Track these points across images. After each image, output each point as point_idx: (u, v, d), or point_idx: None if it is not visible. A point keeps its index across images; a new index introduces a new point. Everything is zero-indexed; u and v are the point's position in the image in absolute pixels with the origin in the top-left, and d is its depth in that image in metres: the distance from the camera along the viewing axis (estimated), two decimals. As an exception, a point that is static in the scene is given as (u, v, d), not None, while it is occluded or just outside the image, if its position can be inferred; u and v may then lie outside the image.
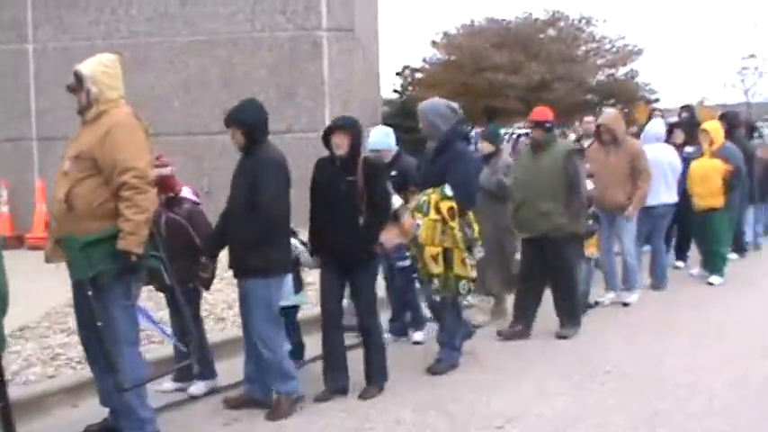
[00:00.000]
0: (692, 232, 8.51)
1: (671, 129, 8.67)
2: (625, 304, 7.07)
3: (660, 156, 7.39)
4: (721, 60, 61.07)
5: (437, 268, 4.89)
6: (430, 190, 4.98)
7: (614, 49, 14.74)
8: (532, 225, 5.99)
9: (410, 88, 19.70)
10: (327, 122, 10.08)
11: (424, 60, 16.40)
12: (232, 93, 10.38)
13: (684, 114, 9.92)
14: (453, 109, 5.22)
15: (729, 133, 8.65)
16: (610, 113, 7.17)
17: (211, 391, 4.87)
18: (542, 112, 6.11)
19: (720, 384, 4.94)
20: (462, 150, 5.18)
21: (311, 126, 10.31)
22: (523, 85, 13.35)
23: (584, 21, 14.75)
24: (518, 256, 6.42)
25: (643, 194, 6.90)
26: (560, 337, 5.99)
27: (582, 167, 6.10)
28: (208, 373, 4.86)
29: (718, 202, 7.81)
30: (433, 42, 16.28)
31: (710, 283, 7.96)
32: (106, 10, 10.57)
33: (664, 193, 7.41)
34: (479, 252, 5.12)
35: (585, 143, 8.86)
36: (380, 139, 5.85)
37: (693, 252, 8.78)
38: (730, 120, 9.33)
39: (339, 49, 10.29)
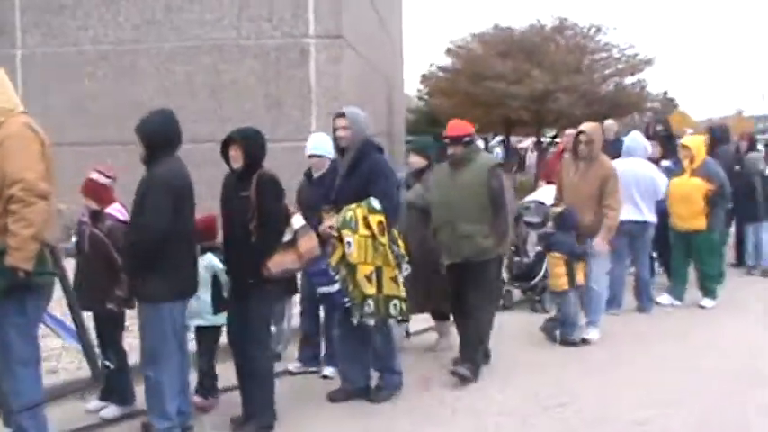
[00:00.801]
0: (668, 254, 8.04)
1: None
2: (584, 340, 6.35)
3: (628, 170, 6.88)
4: (759, 70, 59.70)
5: (371, 288, 4.57)
6: (353, 205, 4.62)
7: (624, 59, 14.27)
8: (454, 249, 5.41)
9: (427, 96, 19.47)
10: (313, 131, 10.08)
11: (438, 68, 15.97)
12: (219, 101, 10.27)
13: (659, 128, 9.45)
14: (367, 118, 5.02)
15: (713, 148, 8.25)
16: (592, 124, 6.60)
17: (126, 416, 4.62)
18: (459, 127, 5.54)
19: (678, 425, 4.59)
20: (381, 162, 4.85)
21: (298, 136, 10.05)
22: (526, 95, 12.97)
23: (593, 29, 14.36)
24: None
25: (611, 224, 6.28)
26: (455, 374, 5.27)
27: (507, 182, 5.66)
28: (123, 397, 4.61)
29: (700, 223, 7.41)
30: (448, 50, 16.02)
31: (702, 306, 7.57)
32: (94, 15, 10.44)
33: (630, 210, 6.88)
34: (406, 269, 4.80)
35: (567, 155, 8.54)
36: (318, 144, 5.53)
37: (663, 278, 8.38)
38: (717, 134, 8.90)
39: (327, 56, 10.05)
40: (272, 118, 10.13)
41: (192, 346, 4.77)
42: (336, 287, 4.60)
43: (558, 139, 12.29)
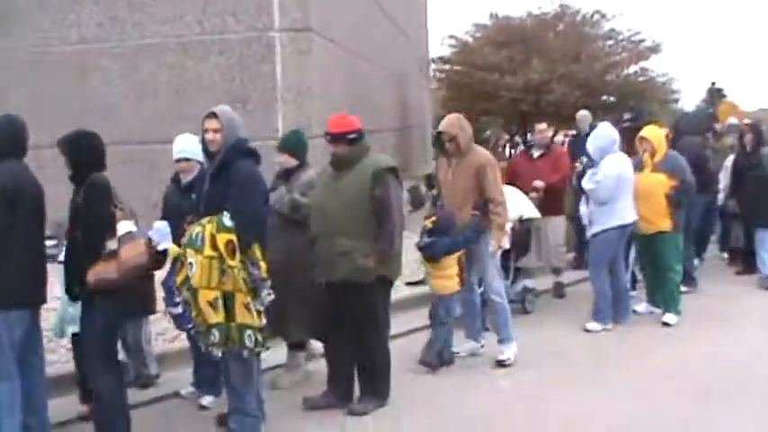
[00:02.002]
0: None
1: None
2: (499, 362, 5.72)
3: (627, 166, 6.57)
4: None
5: (216, 316, 3.95)
6: (206, 219, 4.03)
7: (629, 46, 13.39)
8: (330, 266, 4.75)
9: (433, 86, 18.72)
10: (280, 129, 9.59)
11: (434, 60, 15.24)
12: (183, 99, 9.83)
13: (627, 116, 8.67)
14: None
15: (675, 140, 7.56)
16: (450, 117, 5.82)
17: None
18: (342, 122, 4.89)
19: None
20: (245, 170, 4.16)
21: (264, 134, 9.58)
22: (520, 86, 12.24)
23: (597, 15, 13.54)
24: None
25: (501, 220, 5.57)
26: (353, 413, 4.80)
27: (398, 190, 4.84)
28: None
29: (665, 224, 6.72)
30: (442, 42, 15.25)
31: (666, 324, 6.83)
32: (57, 17, 10.11)
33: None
34: (269, 295, 4.16)
35: (536, 154, 7.91)
36: (185, 146, 5.04)
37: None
38: (681, 125, 8.12)
39: (293, 50, 9.53)
40: (239, 115, 9.65)
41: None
42: (180, 309, 4.08)
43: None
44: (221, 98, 9.66)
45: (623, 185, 6.48)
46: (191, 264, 3.93)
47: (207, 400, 5.02)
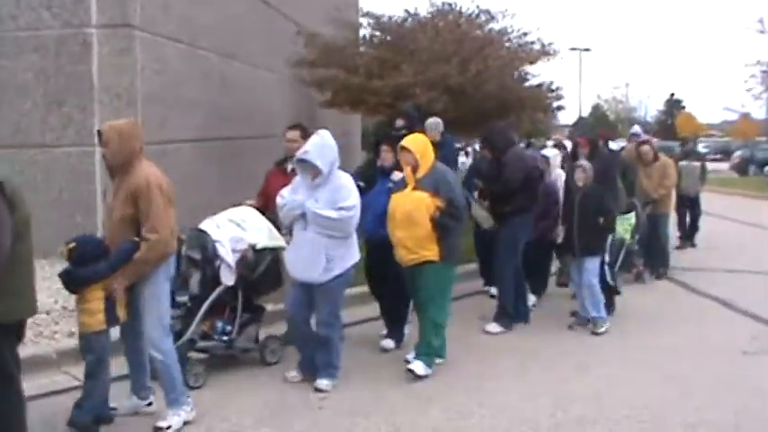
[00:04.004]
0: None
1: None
2: (156, 429, 4.77)
3: None
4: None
5: None
6: None
7: (517, 48, 12.67)
8: None
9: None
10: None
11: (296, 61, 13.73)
12: (-2, 100, 9.09)
13: (400, 123, 8.02)
14: None
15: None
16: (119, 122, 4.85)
17: None
18: None
19: None
20: None
21: (80, 139, 8.91)
22: (389, 90, 11.53)
23: (482, 15, 12.78)
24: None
25: (143, 257, 4.60)
26: None
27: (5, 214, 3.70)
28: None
29: (430, 252, 5.80)
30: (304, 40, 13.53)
31: (413, 372, 5.89)
32: None
33: None
34: None
35: (290, 167, 6.85)
36: None
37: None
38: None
39: (111, 48, 8.81)
40: (55, 119, 8.96)
41: None
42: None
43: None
44: (36, 100, 8.99)
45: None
46: None
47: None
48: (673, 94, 75.99)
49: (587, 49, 66.77)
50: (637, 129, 12.10)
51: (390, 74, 11.57)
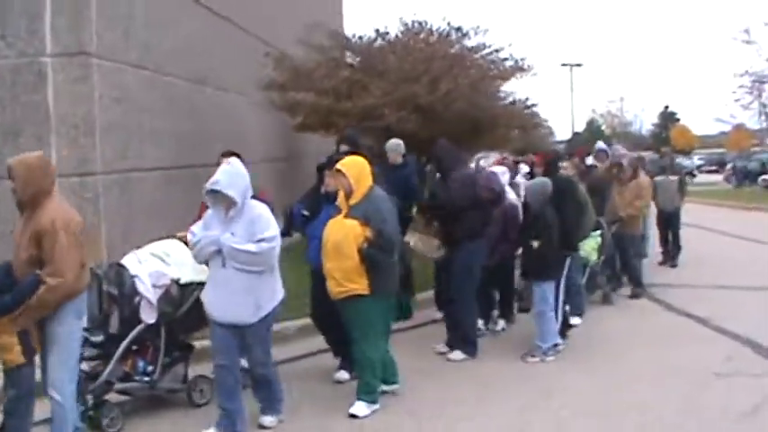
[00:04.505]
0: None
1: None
2: None
3: None
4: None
5: None
6: None
7: (489, 65, 12.49)
8: None
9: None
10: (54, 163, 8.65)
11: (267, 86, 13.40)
12: (-49, 132, 8.90)
13: (344, 149, 7.70)
14: None
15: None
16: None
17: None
18: None
19: None
20: None
21: (38, 170, 8.69)
22: (357, 111, 11.35)
23: (453, 31, 12.57)
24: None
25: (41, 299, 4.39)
26: None
27: None
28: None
29: (359, 285, 5.47)
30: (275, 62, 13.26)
31: (356, 416, 5.61)
32: None
33: None
34: None
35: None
36: None
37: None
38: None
39: (67, 77, 8.63)
40: (11, 150, 8.74)
41: None
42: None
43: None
44: (-8, 130, 8.80)
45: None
46: None
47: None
48: (667, 107, 76.03)
49: (579, 65, 67.02)
50: (601, 145, 11.84)
51: (359, 95, 11.40)
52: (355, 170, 5.57)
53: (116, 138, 9.12)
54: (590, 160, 11.44)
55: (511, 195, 7.89)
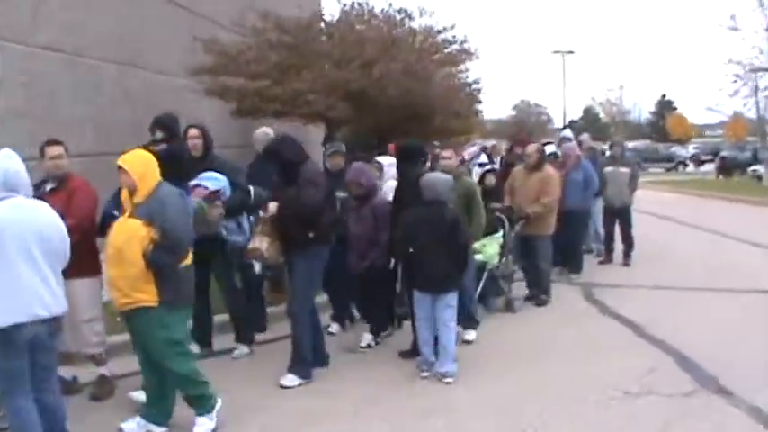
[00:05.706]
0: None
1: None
2: None
3: None
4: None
5: None
6: None
7: (434, 49, 11.67)
8: None
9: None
10: None
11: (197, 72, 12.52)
12: None
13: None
14: None
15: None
16: None
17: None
18: None
19: None
20: None
21: None
22: (287, 98, 10.57)
23: (397, 13, 11.71)
24: None
25: None
26: None
27: None
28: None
29: (146, 294, 4.80)
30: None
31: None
32: None
33: None
34: None
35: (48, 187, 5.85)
36: None
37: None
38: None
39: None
40: None
41: None
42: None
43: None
44: None
45: None
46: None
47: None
48: (664, 95, 74.92)
49: (571, 52, 65.58)
50: (566, 133, 11.07)
51: (291, 80, 10.63)
52: (138, 166, 4.83)
53: (22, 125, 8.34)
54: (551, 148, 10.70)
55: (388, 186, 7.09)
